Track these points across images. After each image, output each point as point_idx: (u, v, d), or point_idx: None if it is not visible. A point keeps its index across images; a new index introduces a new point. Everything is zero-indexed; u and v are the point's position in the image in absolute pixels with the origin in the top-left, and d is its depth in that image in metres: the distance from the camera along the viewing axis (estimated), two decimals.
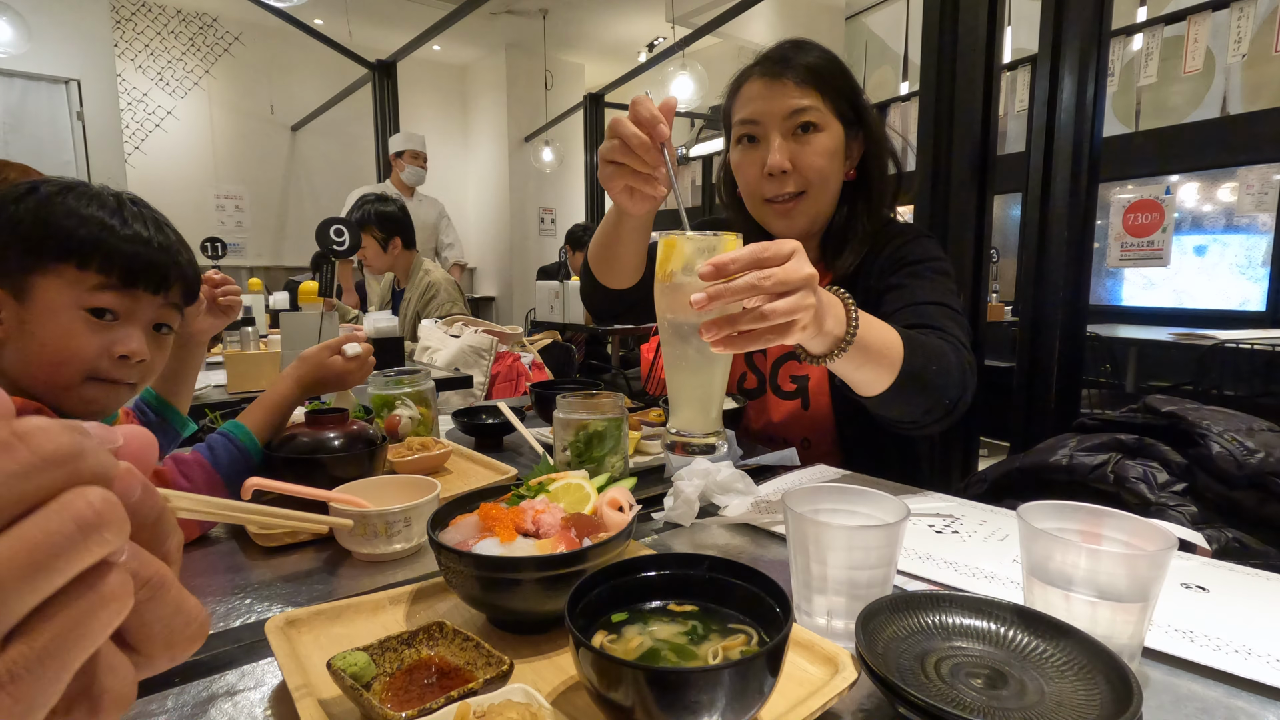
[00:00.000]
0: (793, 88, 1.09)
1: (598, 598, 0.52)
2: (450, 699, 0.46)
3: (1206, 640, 0.58)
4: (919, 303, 1.03)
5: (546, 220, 7.69)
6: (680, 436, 0.71)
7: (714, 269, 0.61)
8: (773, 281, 0.62)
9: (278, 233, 6.96)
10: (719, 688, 0.41)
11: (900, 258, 1.12)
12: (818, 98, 1.10)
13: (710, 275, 0.61)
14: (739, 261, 0.62)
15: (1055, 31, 1.64)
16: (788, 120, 1.10)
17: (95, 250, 0.78)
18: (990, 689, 0.48)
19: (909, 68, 5.82)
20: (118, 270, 0.79)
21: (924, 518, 0.86)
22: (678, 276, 0.66)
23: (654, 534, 0.85)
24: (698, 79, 4.76)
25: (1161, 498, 0.90)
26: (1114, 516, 0.57)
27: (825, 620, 0.59)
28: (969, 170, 1.76)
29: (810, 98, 1.10)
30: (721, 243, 0.66)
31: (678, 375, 0.71)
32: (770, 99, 1.11)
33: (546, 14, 6.50)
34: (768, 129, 1.12)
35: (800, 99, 1.09)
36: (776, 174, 1.11)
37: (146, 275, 0.81)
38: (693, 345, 0.67)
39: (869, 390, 0.86)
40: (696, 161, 7.87)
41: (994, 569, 0.72)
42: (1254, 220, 4.27)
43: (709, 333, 0.64)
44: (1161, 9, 4.25)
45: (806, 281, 0.65)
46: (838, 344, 0.75)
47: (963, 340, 0.98)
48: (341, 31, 5.89)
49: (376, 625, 0.61)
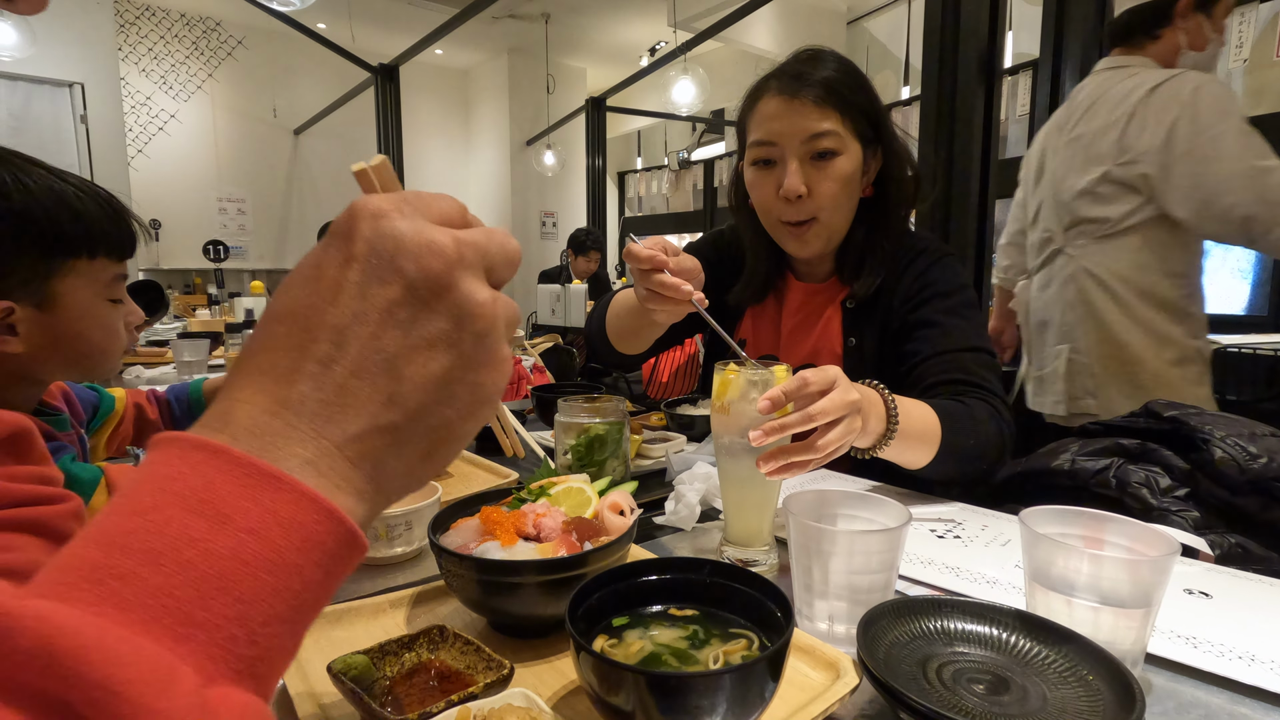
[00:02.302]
0: (811, 108, 1.04)
1: (599, 602, 0.52)
2: (451, 703, 0.46)
3: (1209, 646, 0.57)
4: (955, 350, 1.02)
5: (548, 224, 7.70)
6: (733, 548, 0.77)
7: (769, 404, 0.68)
8: (820, 414, 0.68)
9: (280, 236, 6.98)
10: (720, 692, 0.41)
11: (928, 283, 1.09)
12: (837, 119, 1.05)
13: (767, 410, 0.68)
14: (789, 394, 0.68)
15: (1056, 36, 1.64)
16: (805, 144, 1.05)
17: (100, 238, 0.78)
18: (992, 695, 0.48)
19: (910, 72, 5.83)
20: (116, 249, 0.80)
21: (926, 522, 0.86)
22: (734, 406, 0.73)
23: (655, 538, 0.85)
24: (699, 83, 4.76)
25: (1164, 503, 0.90)
26: (1116, 522, 0.57)
27: (827, 625, 0.59)
28: (970, 174, 1.76)
29: (830, 119, 1.05)
30: (774, 376, 0.73)
31: (732, 490, 0.77)
32: (787, 119, 1.06)
33: (548, 18, 6.52)
34: (785, 152, 1.07)
35: (819, 121, 1.05)
36: (792, 199, 1.07)
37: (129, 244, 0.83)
38: (746, 465, 0.73)
39: (910, 467, 0.90)
40: (698, 165, 7.89)
41: (996, 574, 0.72)
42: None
43: (766, 464, 0.70)
44: None
45: (851, 407, 0.70)
46: (881, 439, 0.80)
47: (1002, 395, 1.00)
48: (344, 35, 5.91)
49: (377, 628, 0.61)
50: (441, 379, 0.29)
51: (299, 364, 0.27)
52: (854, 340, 1.14)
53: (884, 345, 1.12)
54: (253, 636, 0.23)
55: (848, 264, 1.17)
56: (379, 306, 0.28)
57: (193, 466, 0.25)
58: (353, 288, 0.28)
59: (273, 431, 0.26)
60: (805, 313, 1.20)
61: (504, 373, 0.31)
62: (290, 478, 0.25)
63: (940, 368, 1.01)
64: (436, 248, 0.28)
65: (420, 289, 0.28)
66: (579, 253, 4.87)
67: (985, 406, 0.95)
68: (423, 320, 0.28)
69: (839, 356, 1.15)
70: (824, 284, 1.21)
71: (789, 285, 1.24)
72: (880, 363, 1.12)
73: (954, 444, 0.88)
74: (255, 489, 0.25)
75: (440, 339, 0.28)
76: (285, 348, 0.27)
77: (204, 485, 0.24)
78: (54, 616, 0.20)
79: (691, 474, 0.91)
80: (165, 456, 0.25)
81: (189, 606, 0.22)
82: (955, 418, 0.90)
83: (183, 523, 0.23)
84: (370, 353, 0.27)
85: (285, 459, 0.26)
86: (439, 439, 0.30)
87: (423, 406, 0.28)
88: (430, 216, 0.30)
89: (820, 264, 1.20)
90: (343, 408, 0.27)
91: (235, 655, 0.23)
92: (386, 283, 0.28)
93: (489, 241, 0.31)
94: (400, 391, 0.28)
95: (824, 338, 1.17)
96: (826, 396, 0.69)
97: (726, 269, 1.26)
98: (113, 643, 0.20)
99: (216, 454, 0.25)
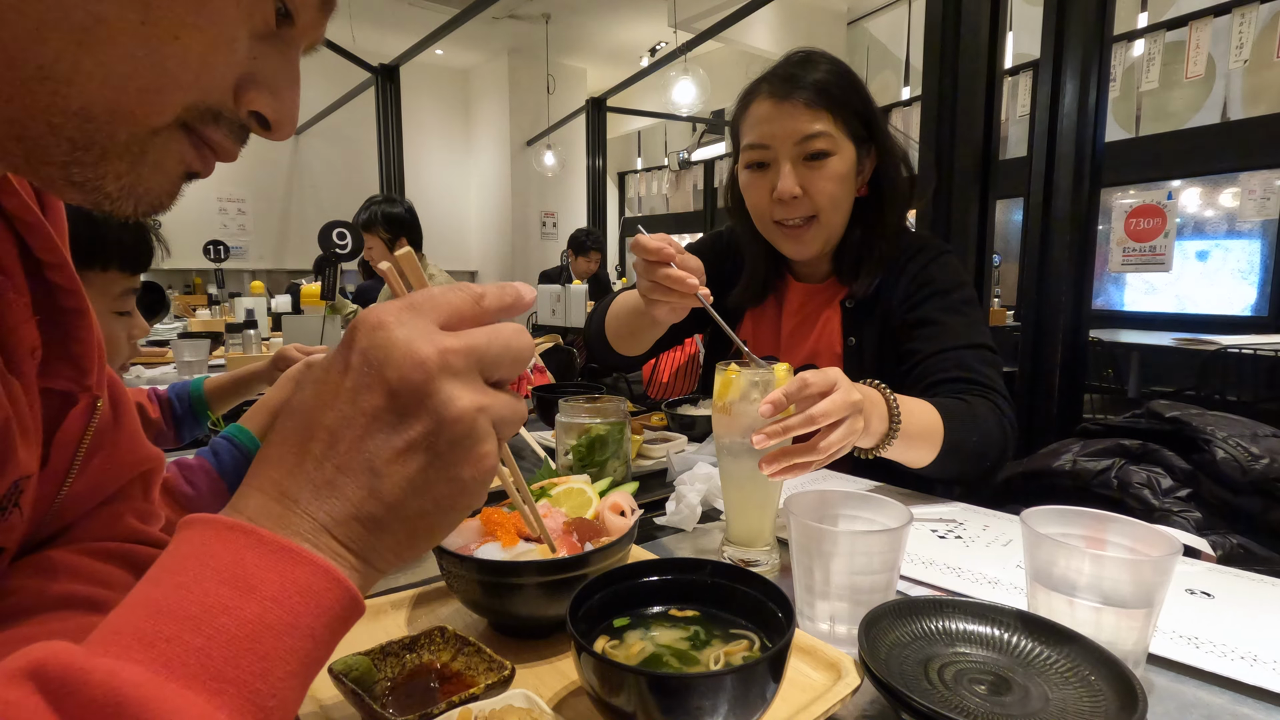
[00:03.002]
0: (803, 109, 1.05)
1: (599, 603, 0.52)
2: (452, 704, 0.46)
3: (1211, 646, 0.57)
4: (956, 347, 1.02)
5: (548, 224, 7.70)
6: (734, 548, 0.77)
7: (772, 408, 0.67)
8: (822, 415, 0.68)
9: (280, 236, 6.98)
10: (721, 693, 0.41)
11: (926, 281, 1.09)
12: (829, 120, 1.05)
13: (769, 414, 0.68)
14: (791, 396, 0.68)
15: (1057, 37, 1.64)
16: (799, 145, 1.06)
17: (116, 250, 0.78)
18: (994, 695, 0.48)
19: (910, 73, 5.83)
20: (131, 264, 0.80)
21: (927, 523, 0.86)
22: (736, 406, 0.73)
23: (656, 538, 0.85)
24: (699, 83, 4.76)
25: (1165, 503, 0.90)
26: (1118, 522, 0.57)
27: (828, 625, 0.59)
28: (971, 175, 1.76)
29: (822, 120, 1.05)
30: (774, 376, 0.73)
31: (734, 491, 0.77)
32: (780, 121, 1.06)
33: (549, 19, 6.52)
34: (777, 154, 1.07)
35: (811, 123, 1.05)
36: (787, 200, 1.07)
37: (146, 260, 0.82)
38: (748, 465, 0.73)
39: (913, 466, 0.90)
40: (698, 166, 7.90)
41: (997, 574, 0.72)
42: (1255, 225, 4.27)
43: (768, 466, 0.70)
44: (1163, 14, 4.26)
45: (853, 408, 0.70)
46: (884, 439, 0.80)
47: (1003, 391, 1.00)
48: (344, 35, 5.90)
49: (378, 630, 0.61)
50: (417, 478, 0.32)
51: (299, 460, 0.32)
52: (854, 340, 1.14)
53: (884, 344, 1.12)
54: (273, 689, 0.28)
55: (846, 264, 1.17)
56: (365, 411, 0.32)
57: (225, 544, 0.29)
58: (346, 394, 0.32)
59: (277, 515, 0.31)
60: (805, 313, 1.20)
61: (488, 469, 0.34)
62: (306, 551, 0.30)
63: (941, 366, 1.01)
64: (418, 360, 0.31)
65: (402, 397, 0.31)
66: (579, 253, 4.87)
67: (986, 404, 0.95)
68: (403, 426, 0.32)
69: (839, 357, 1.15)
70: (823, 284, 1.21)
71: (788, 286, 1.24)
72: (880, 362, 1.12)
73: (956, 442, 0.88)
74: (278, 562, 0.29)
75: (418, 442, 0.32)
76: (290, 442, 0.32)
77: (235, 560, 0.29)
78: (121, 672, 0.24)
79: (692, 474, 0.91)
80: (203, 536, 0.30)
81: (222, 665, 0.26)
82: (957, 416, 0.90)
83: (217, 593, 0.28)
84: (355, 452, 0.31)
85: (292, 538, 0.30)
86: (420, 526, 0.33)
87: (400, 500, 0.32)
88: (437, 317, 0.33)
89: (818, 264, 1.20)
90: (330, 498, 0.31)
91: (259, 706, 0.27)
92: (373, 390, 0.32)
93: (490, 343, 0.34)
94: (380, 487, 0.32)
95: (824, 338, 1.17)
96: (828, 398, 0.69)
97: (725, 271, 1.26)
98: (169, 695, 0.25)
99: (245, 534, 0.29)
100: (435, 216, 7.60)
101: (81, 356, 0.48)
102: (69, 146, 0.32)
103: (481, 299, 0.35)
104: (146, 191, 0.36)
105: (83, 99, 0.31)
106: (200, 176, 0.39)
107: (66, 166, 0.33)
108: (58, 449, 0.48)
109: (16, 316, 0.43)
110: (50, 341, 0.46)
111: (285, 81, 0.38)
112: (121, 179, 0.34)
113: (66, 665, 0.24)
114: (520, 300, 0.37)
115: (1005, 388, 1.00)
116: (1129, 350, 3.77)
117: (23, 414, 0.43)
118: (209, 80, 0.34)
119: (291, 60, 0.39)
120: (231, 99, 0.36)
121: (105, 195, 0.34)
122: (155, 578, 0.29)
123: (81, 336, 0.48)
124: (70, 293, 0.46)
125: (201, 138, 0.36)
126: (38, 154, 0.33)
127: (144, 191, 0.36)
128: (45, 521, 0.50)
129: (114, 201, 0.35)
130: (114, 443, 0.53)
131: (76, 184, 0.34)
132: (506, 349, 0.34)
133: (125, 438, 0.54)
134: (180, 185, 0.38)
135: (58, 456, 0.48)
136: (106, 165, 0.33)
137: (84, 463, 0.50)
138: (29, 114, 0.31)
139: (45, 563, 0.49)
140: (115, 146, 0.33)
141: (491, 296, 0.36)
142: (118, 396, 0.54)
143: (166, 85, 0.33)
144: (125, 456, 0.55)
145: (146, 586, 0.28)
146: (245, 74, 0.36)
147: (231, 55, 0.34)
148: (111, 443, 0.53)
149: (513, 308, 0.37)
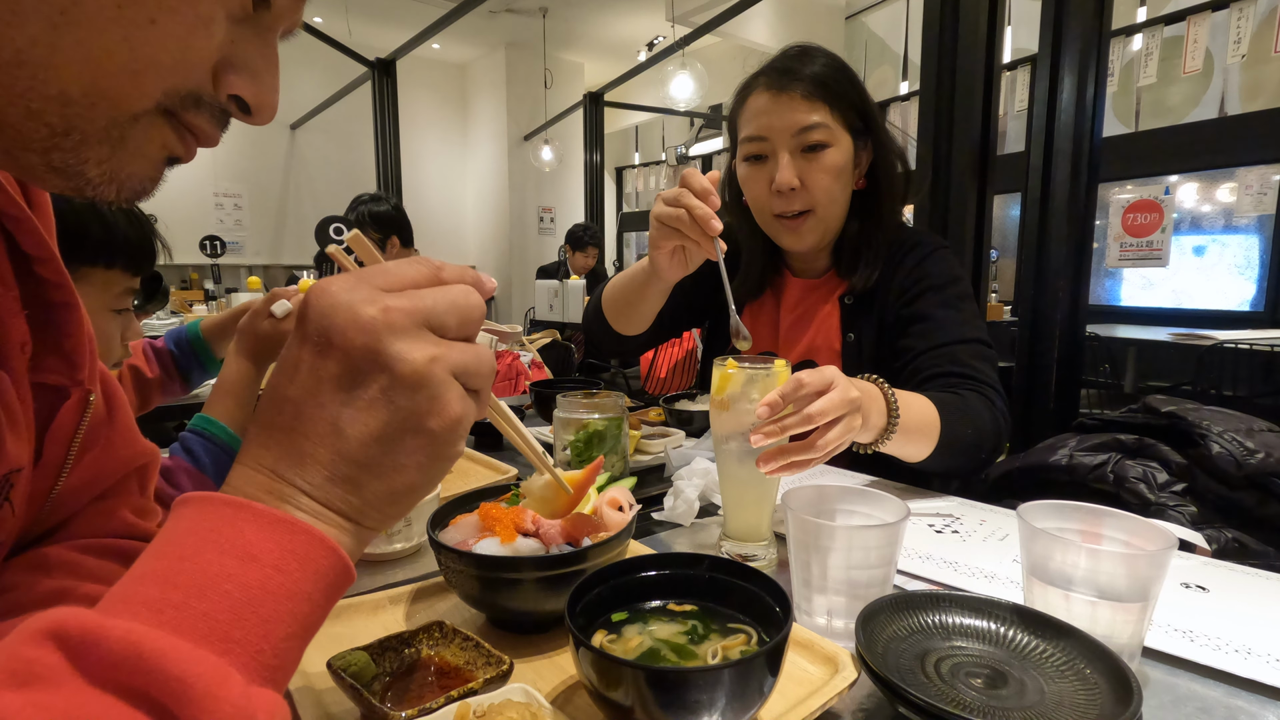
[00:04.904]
0: (800, 101, 1.06)
1: (597, 597, 0.52)
2: (450, 698, 0.46)
3: (1206, 640, 0.58)
4: (950, 343, 1.02)
5: (546, 219, 7.68)
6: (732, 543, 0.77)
7: (769, 410, 0.67)
8: (819, 414, 0.68)
9: (277, 231, 6.96)
10: (719, 687, 0.41)
11: (922, 276, 1.10)
12: (826, 111, 1.06)
13: (766, 416, 0.68)
14: (787, 397, 0.68)
15: (1055, 31, 1.64)
16: (796, 137, 1.06)
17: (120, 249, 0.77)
18: (990, 689, 0.48)
19: (909, 67, 5.82)
20: (134, 264, 0.79)
21: (924, 517, 0.86)
22: (733, 401, 0.73)
23: (654, 533, 0.85)
24: (697, 78, 4.75)
25: (1161, 498, 0.90)
26: (1114, 516, 0.57)
27: (825, 620, 0.59)
28: (968, 170, 1.76)
29: (819, 112, 1.06)
30: (773, 372, 0.73)
31: (731, 486, 0.77)
32: (777, 114, 1.07)
33: (546, 12, 6.50)
34: (775, 146, 1.08)
35: (809, 114, 1.06)
36: (785, 191, 1.08)
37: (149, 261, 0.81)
38: (745, 462, 0.73)
39: (911, 460, 0.90)
40: (696, 161, 7.88)
41: (994, 568, 0.72)
42: (1252, 220, 4.27)
43: (766, 464, 0.70)
44: (1161, 9, 4.25)
45: (850, 405, 0.70)
46: (882, 433, 0.81)
47: (996, 385, 1.00)
48: (341, 29, 5.89)
49: (376, 625, 0.61)
50: (382, 434, 0.33)
51: (274, 434, 0.33)
52: (852, 336, 1.14)
53: (881, 340, 1.12)
54: (275, 650, 0.29)
55: (844, 258, 1.17)
56: (323, 379, 0.33)
57: (224, 518, 0.31)
58: (306, 365, 0.33)
59: (267, 488, 0.32)
60: (803, 309, 1.20)
61: (454, 417, 0.34)
62: (300, 520, 0.32)
63: (934, 361, 1.02)
64: (361, 320, 0.32)
65: (353, 358, 0.32)
66: (577, 248, 4.86)
67: (979, 397, 0.96)
68: (358, 387, 0.33)
69: (837, 352, 1.15)
70: (821, 279, 1.21)
71: (786, 281, 1.24)
72: (878, 357, 1.12)
73: (953, 435, 0.89)
74: (275, 532, 0.31)
75: (377, 400, 0.33)
76: (265, 419, 0.34)
77: (235, 532, 0.30)
78: (137, 628, 0.26)
79: (690, 469, 0.91)
80: (201, 512, 0.31)
81: (228, 627, 0.28)
82: (952, 409, 0.91)
83: (220, 563, 0.29)
84: (318, 419, 0.33)
85: (284, 508, 0.32)
86: (398, 481, 0.34)
87: (371, 458, 0.33)
88: (386, 283, 0.34)
89: (816, 259, 1.20)
90: (307, 466, 0.33)
91: (262, 665, 0.29)
92: (327, 357, 0.33)
93: (435, 302, 0.34)
94: (347, 448, 0.33)
95: (821, 333, 1.17)
96: (825, 396, 0.69)
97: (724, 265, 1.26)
98: (184, 649, 0.26)
99: (241, 508, 0.31)
100: (432, 211, 7.58)
101: (72, 351, 0.47)
102: (48, 132, 0.32)
103: (441, 270, 0.36)
104: (129, 177, 0.36)
105: (60, 83, 0.31)
106: (182, 161, 0.38)
107: (46, 153, 0.33)
108: (51, 444, 0.48)
109: (5, 311, 0.43)
110: (40, 336, 0.46)
111: (264, 65, 0.38)
112: (103, 164, 0.34)
113: (84, 624, 0.26)
114: (480, 284, 0.37)
115: (998, 381, 1.01)
116: (1126, 345, 3.78)
117: (13, 408, 0.43)
118: (187, 64, 0.34)
119: (270, 44, 0.38)
120: (210, 83, 0.36)
121: (87, 181, 0.34)
122: (158, 551, 0.30)
123: (71, 331, 0.47)
124: (59, 287, 0.46)
125: (182, 122, 0.36)
126: (17, 141, 0.33)
127: (126, 177, 0.35)
128: (40, 518, 0.50)
129: (96, 187, 0.35)
130: (108, 438, 0.53)
131: (57, 169, 0.34)
132: (453, 306, 0.35)
133: (119, 433, 0.54)
134: (162, 170, 0.37)
135: (51, 452, 0.48)
136: (87, 150, 0.33)
137: (78, 458, 0.50)
138: (7, 99, 0.31)
139: (40, 559, 0.49)
140: (95, 131, 0.33)
141: (451, 272, 0.36)
142: (110, 392, 0.54)
143: (145, 69, 0.32)
144: (119, 451, 0.54)
145: (150, 560, 0.30)
146: (224, 58, 0.36)
147: (209, 39, 0.34)
148: (105, 438, 0.53)
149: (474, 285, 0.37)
